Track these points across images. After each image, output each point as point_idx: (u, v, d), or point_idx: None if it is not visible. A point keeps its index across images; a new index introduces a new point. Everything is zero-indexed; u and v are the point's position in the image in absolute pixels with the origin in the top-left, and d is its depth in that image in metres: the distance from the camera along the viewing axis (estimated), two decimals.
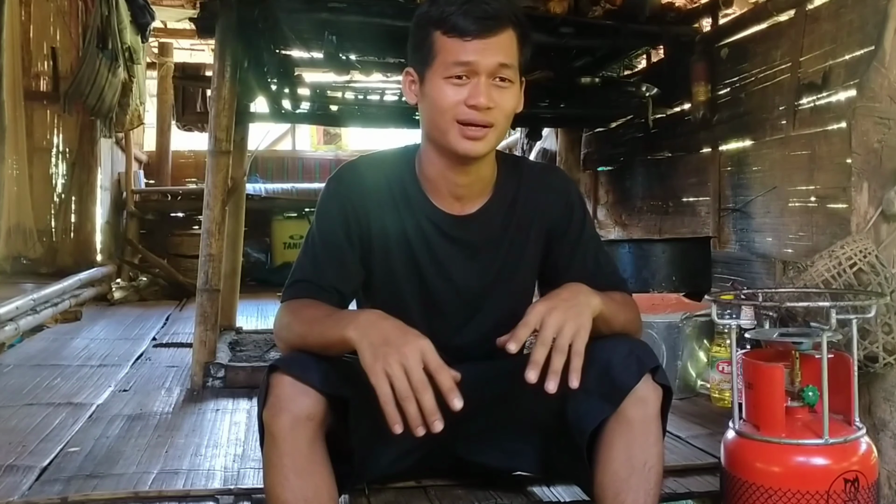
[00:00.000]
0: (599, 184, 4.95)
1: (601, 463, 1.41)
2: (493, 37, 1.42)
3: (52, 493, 1.79)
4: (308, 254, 1.55)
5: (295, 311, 1.47)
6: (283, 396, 1.35)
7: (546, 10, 3.19)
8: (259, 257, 7.03)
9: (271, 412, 1.35)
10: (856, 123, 1.88)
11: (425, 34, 1.45)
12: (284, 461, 1.34)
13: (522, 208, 1.58)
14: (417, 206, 1.55)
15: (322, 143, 9.29)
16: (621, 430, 1.40)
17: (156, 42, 7.64)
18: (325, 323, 1.40)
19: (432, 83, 1.45)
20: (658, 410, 1.42)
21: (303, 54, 3.60)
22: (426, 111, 1.49)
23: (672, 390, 1.46)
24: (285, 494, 1.34)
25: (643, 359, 1.42)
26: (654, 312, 2.70)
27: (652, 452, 1.40)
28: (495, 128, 1.46)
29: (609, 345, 1.44)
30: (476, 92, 1.42)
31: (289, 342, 1.45)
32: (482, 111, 1.42)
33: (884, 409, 1.80)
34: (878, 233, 1.84)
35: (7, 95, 4.61)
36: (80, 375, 3.04)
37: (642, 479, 1.38)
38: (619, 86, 4.07)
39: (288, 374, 1.36)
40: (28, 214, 5.29)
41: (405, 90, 1.54)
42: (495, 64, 1.43)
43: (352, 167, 1.60)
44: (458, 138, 1.44)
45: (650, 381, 1.41)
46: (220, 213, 2.98)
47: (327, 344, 1.38)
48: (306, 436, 1.35)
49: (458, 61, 1.42)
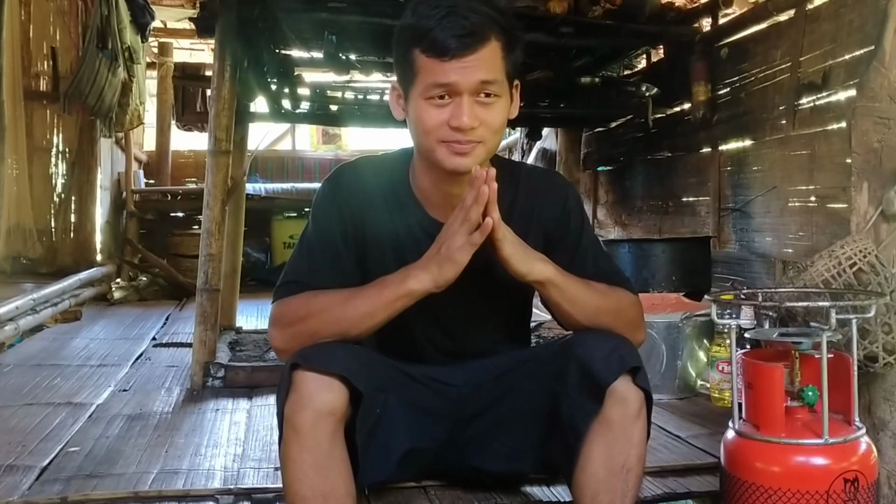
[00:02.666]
0: (599, 184, 4.95)
1: (581, 463, 1.41)
2: (473, 54, 1.37)
3: (52, 492, 1.79)
4: (303, 254, 1.55)
5: (308, 302, 1.46)
6: (306, 392, 1.36)
7: (546, 10, 3.19)
8: (259, 257, 7.02)
9: (294, 407, 1.36)
10: (856, 123, 1.88)
11: (405, 51, 1.42)
12: (305, 456, 1.35)
13: (519, 214, 1.55)
14: (410, 213, 1.54)
15: (322, 142, 9.29)
16: (601, 431, 1.40)
17: (156, 42, 7.64)
18: (364, 294, 1.43)
19: (415, 103, 1.42)
20: (638, 411, 1.41)
21: (303, 54, 3.60)
22: (412, 129, 1.47)
23: (651, 394, 1.44)
24: (304, 490, 1.35)
25: (626, 357, 1.41)
26: (654, 312, 2.70)
27: (631, 454, 1.39)
28: (483, 143, 1.43)
29: (593, 340, 1.45)
30: (458, 112, 1.38)
31: (311, 332, 1.44)
32: (466, 131, 1.39)
33: (883, 409, 1.80)
34: (877, 233, 1.84)
35: (7, 95, 4.61)
36: (80, 375, 3.03)
37: (619, 481, 1.38)
38: (618, 85, 4.07)
39: (310, 370, 1.36)
40: (28, 214, 5.29)
41: (392, 105, 1.51)
42: (476, 82, 1.38)
43: (347, 169, 1.59)
44: (445, 155, 1.42)
45: (629, 381, 1.40)
46: (219, 212, 2.98)
47: (379, 308, 1.41)
48: (327, 431, 1.36)
49: (437, 83, 1.38)
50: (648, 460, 1.96)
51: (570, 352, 1.46)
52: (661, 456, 2.02)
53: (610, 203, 4.80)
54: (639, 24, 3.33)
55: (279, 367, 3.04)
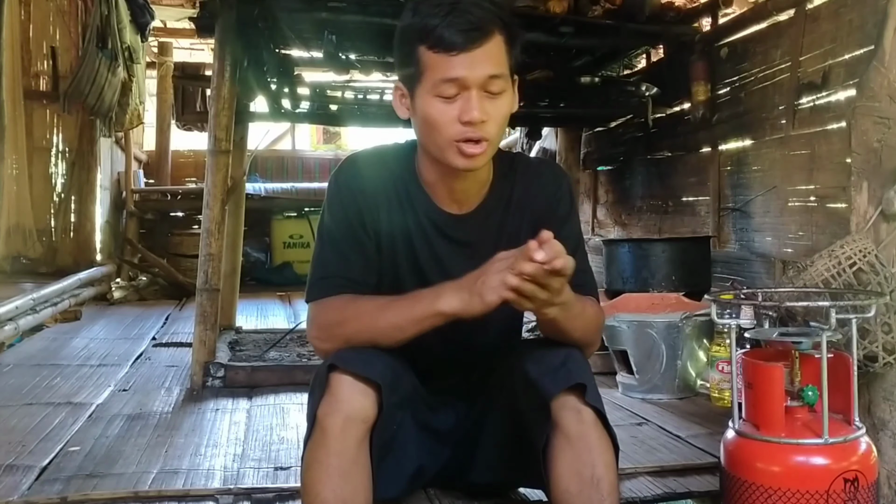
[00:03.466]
0: (599, 183, 4.95)
1: (553, 479, 1.41)
2: (480, 48, 1.38)
3: (52, 492, 1.79)
4: (328, 248, 1.54)
5: (345, 307, 1.46)
6: (341, 396, 1.36)
7: (546, 10, 3.19)
8: (259, 257, 7.03)
9: (326, 410, 1.36)
10: (855, 123, 1.88)
11: (410, 49, 1.42)
12: (331, 460, 1.35)
13: (516, 205, 1.58)
14: (418, 204, 1.55)
15: (322, 142, 9.30)
16: (562, 445, 1.40)
17: (155, 41, 7.64)
18: (397, 306, 1.42)
19: (423, 100, 1.42)
20: (594, 419, 1.40)
21: (302, 54, 3.60)
22: (420, 127, 1.47)
23: (603, 411, 1.42)
24: (326, 493, 1.35)
25: (573, 372, 1.41)
26: (653, 312, 2.70)
27: (598, 463, 1.38)
28: (491, 140, 1.44)
29: (540, 355, 1.45)
30: (468, 107, 1.39)
31: (346, 337, 1.44)
32: (476, 125, 1.40)
33: (883, 409, 1.80)
34: (877, 232, 1.83)
35: (7, 95, 4.61)
36: (80, 375, 3.04)
37: (593, 491, 1.37)
38: (618, 85, 4.07)
39: (348, 374, 1.37)
40: (28, 214, 5.29)
41: (396, 105, 1.51)
42: (485, 76, 1.39)
43: (357, 160, 1.59)
44: (455, 156, 1.43)
45: (576, 395, 1.39)
46: (219, 212, 2.98)
47: (410, 322, 1.40)
48: (356, 437, 1.36)
49: (446, 78, 1.38)
50: (648, 460, 1.98)
51: (519, 368, 1.47)
52: (661, 456, 2.02)
53: (610, 203, 4.80)
54: (638, 23, 3.33)
55: (279, 367, 3.08)
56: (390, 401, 1.39)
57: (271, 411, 2.53)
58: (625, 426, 2.29)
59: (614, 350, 2.72)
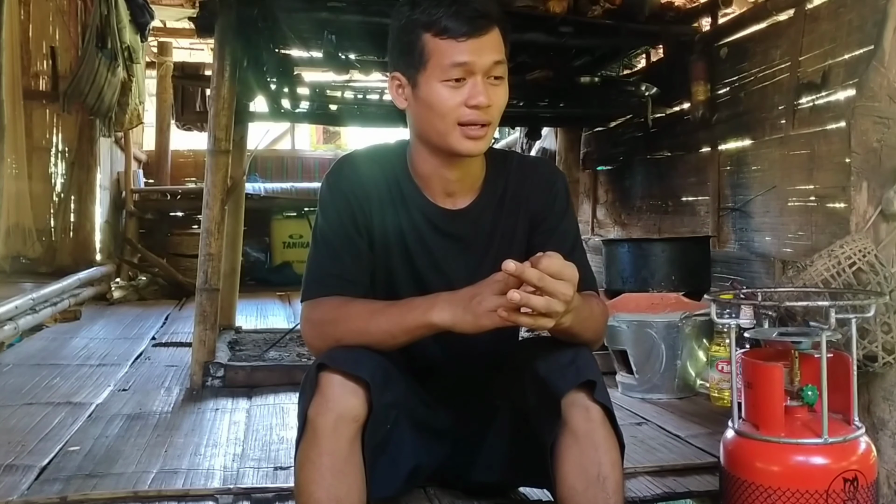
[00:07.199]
0: (599, 183, 4.95)
1: (558, 477, 1.41)
2: (485, 35, 1.44)
3: (52, 492, 1.79)
4: (322, 248, 1.55)
5: (338, 308, 1.47)
6: (331, 395, 1.37)
7: (545, 10, 3.18)
8: (258, 257, 7.02)
9: (317, 409, 1.37)
10: (855, 123, 1.88)
11: (414, 38, 1.45)
12: (324, 459, 1.36)
13: (510, 202, 1.59)
14: (412, 201, 1.56)
15: (321, 142, 9.30)
16: (569, 443, 1.40)
17: (155, 41, 7.65)
18: (389, 313, 1.43)
19: (428, 87, 1.45)
20: (602, 417, 1.40)
21: (302, 53, 3.60)
22: (421, 114, 1.49)
23: (611, 409, 1.42)
24: (319, 492, 1.35)
25: (582, 369, 1.41)
26: (653, 312, 2.70)
27: (604, 461, 1.38)
28: (492, 125, 1.48)
29: (549, 353, 1.46)
30: (476, 92, 1.43)
31: (336, 337, 1.45)
32: (483, 110, 1.44)
33: (883, 409, 1.80)
34: (877, 232, 1.84)
35: (6, 95, 4.60)
36: (80, 375, 3.04)
37: (598, 490, 1.37)
38: (618, 85, 4.07)
39: (337, 372, 1.37)
40: (27, 214, 5.29)
41: (393, 95, 1.54)
42: (491, 62, 1.44)
43: (349, 161, 1.60)
44: (459, 139, 1.46)
45: (585, 392, 1.40)
46: (219, 212, 2.98)
47: (401, 331, 1.41)
48: (348, 436, 1.37)
49: (454, 62, 1.43)
50: (648, 460, 1.98)
51: (528, 366, 1.47)
52: (661, 455, 2.02)
53: (609, 202, 4.80)
54: (638, 23, 3.33)
55: (279, 367, 3.08)
56: (381, 399, 1.39)
57: (271, 411, 2.53)
58: (624, 426, 2.26)
59: (614, 350, 2.72)
